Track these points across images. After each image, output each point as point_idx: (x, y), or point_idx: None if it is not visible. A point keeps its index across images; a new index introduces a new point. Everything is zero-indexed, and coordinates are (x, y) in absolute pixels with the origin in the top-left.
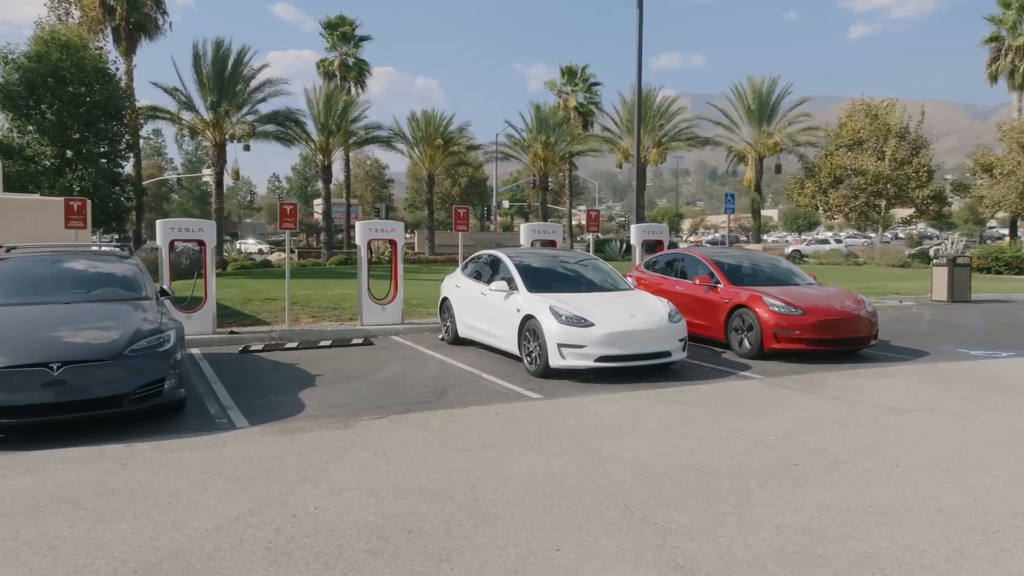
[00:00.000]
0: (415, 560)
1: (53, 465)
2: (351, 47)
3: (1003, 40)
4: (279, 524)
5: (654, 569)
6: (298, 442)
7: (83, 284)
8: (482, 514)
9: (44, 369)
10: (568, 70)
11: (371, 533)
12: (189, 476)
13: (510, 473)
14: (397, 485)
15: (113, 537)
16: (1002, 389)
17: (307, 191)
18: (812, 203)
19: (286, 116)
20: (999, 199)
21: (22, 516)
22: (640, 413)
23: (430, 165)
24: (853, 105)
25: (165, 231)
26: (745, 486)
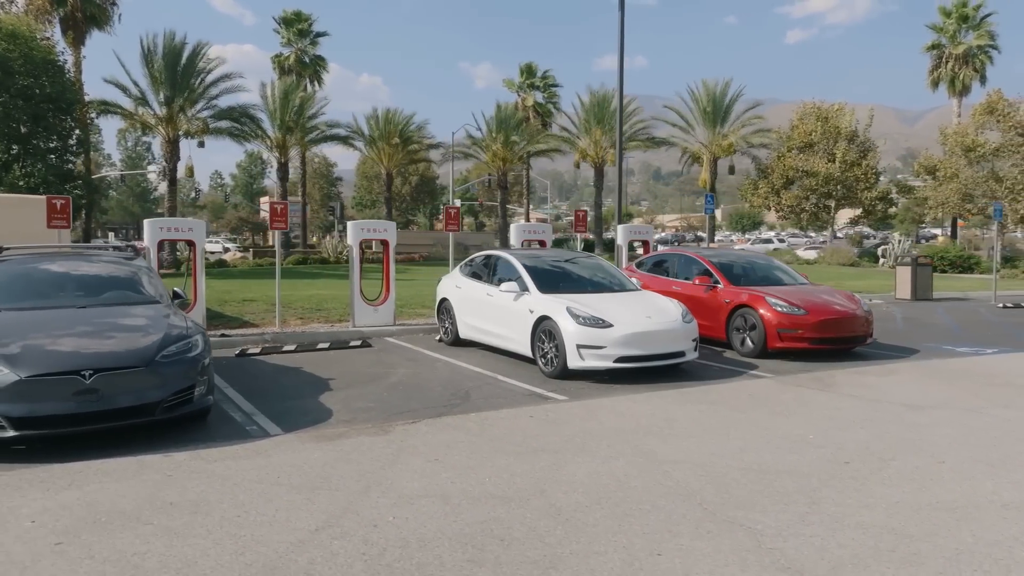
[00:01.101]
0: (521, 569)
1: (94, 478)
2: (307, 43)
3: (944, 48)
4: (364, 535)
5: (763, 572)
6: (343, 449)
7: (94, 287)
8: (566, 519)
9: (76, 377)
10: (527, 69)
11: (463, 542)
12: (247, 487)
13: (572, 477)
14: (466, 492)
15: (195, 553)
16: (1003, 385)
17: (252, 188)
18: (765, 203)
19: (241, 112)
20: (943, 201)
21: (88, 532)
22: (672, 414)
23: (389, 163)
24: (804, 108)
25: (154, 231)
26: (809, 485)
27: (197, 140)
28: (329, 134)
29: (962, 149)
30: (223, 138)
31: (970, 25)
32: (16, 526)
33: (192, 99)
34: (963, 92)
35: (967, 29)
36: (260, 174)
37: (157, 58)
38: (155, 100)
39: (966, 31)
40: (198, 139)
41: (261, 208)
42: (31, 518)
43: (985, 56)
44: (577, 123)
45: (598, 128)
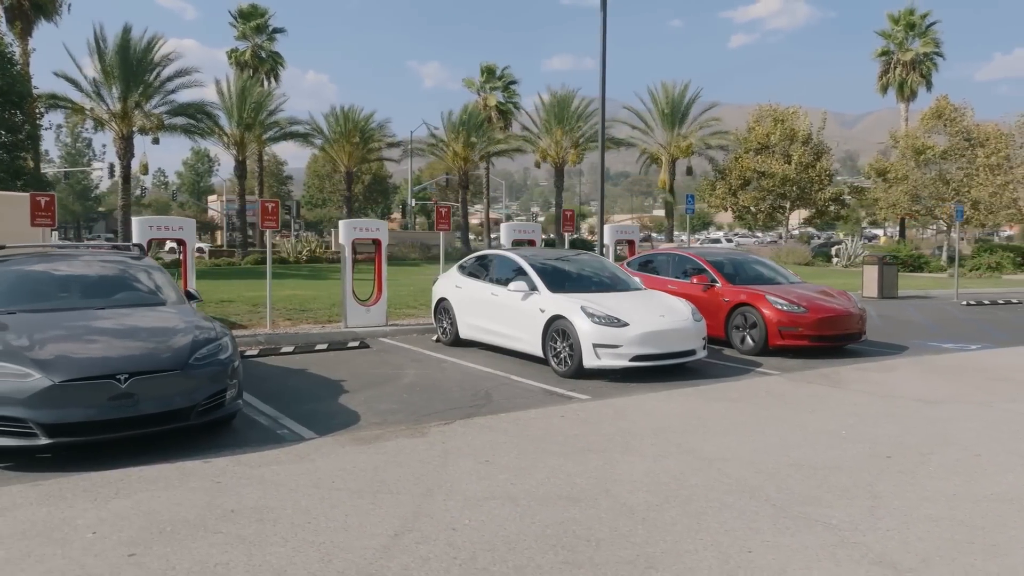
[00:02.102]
0: (621, 568)
1: (139, 485)
2: (264, 39)
3: (892, 54)
4: (447, 538)
5: (857, 566)
6: (386, 451)
7: (108, 288)
8: (642, 519)
9: (111, 382)
10: (487, 69)
11: (550, 543)
12: (305, 492)
13: (629, 476)
14: (530, 493)
15: (280, 562)
16: (1002, 380)
17: (199, 187)
18: (723, 204)
19: (198, 109)
20: (893, 202)
21: (158, 543)
22: (699, 412)
23: (349, 162)
24: (760, 111)
25: (143, 229)
26: (862, 480)
27: (152, 137)
28: (289, 131)
29: (912, 152)
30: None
31: (916, 33)
32: (79, 538)
33: (147, 94)
34: (910, 97)
35: (914, 36)
36: (208, 172)
37: (109, 51)
38: (108, 95)
39: (913, 38)
40: (153, 136)
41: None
42: (91, 529)
43: (931, 63)
44: (538, 123)
45: (559, 128)
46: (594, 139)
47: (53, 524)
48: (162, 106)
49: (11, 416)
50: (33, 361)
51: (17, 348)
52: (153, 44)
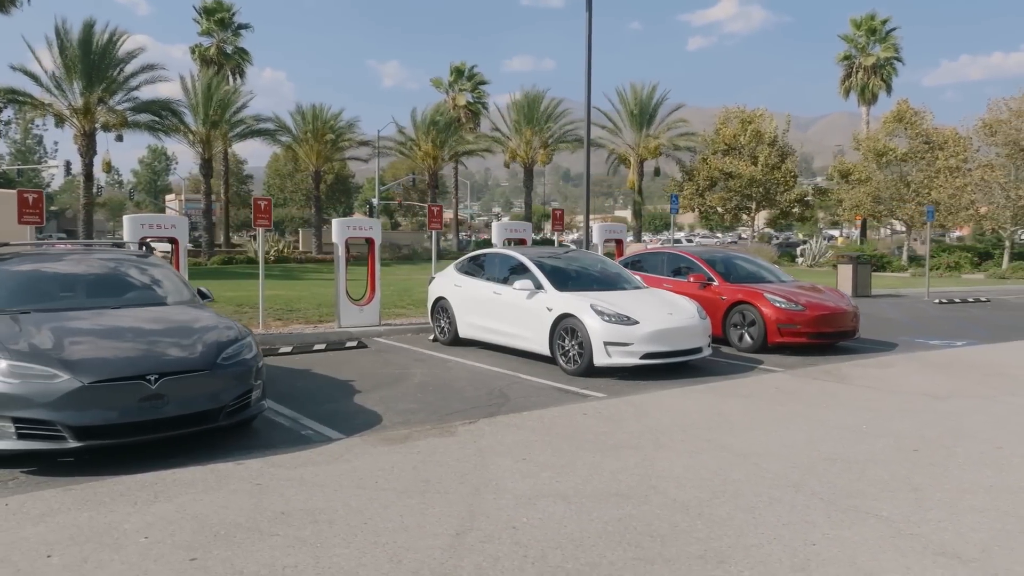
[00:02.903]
0: (693, 563)
1: (177, 488)
2: (230, 35)
3: (854, 59)
4: (510, 537)
5: (922, 556)
6: (420, 451)
7: (121, 286)
8: (697, 514)
9: (142, 383)
10: (456, 69)
11: (615, 540)
12: (351, 493)
13: (670, 472)
14: (578, 490)
15: (349, 564)
16: (996, 375)
17: (157, 185)
18: (690, 205)
19: (162, 105)
20: (857, 203)
21: (217, 546)
22: (718, 408)
23: (317, 161)
24: (727, 113)
25: (135, 228)
26: (899, 473)
27: (115, 134)
28: (256, 129)
29: (874, 154)
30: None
31: (878, 38)
32: (131, 543)
33: (111, 90)
34: (871, 101)
35: (875, 41)
36: (164, 170)
37: (71, 45)
38: (69, 90)
39: (874, 43)
40: (116, 132)
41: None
42: (141, 534)
43: (891, 67)
44: (508, 123)
45: (529, 128)
46: (563, 139)
47: (100, 529)
48: (125, 102)
49: (38, 419)
50: (60, 362)
51: (42, 348)
52: (116, 39)
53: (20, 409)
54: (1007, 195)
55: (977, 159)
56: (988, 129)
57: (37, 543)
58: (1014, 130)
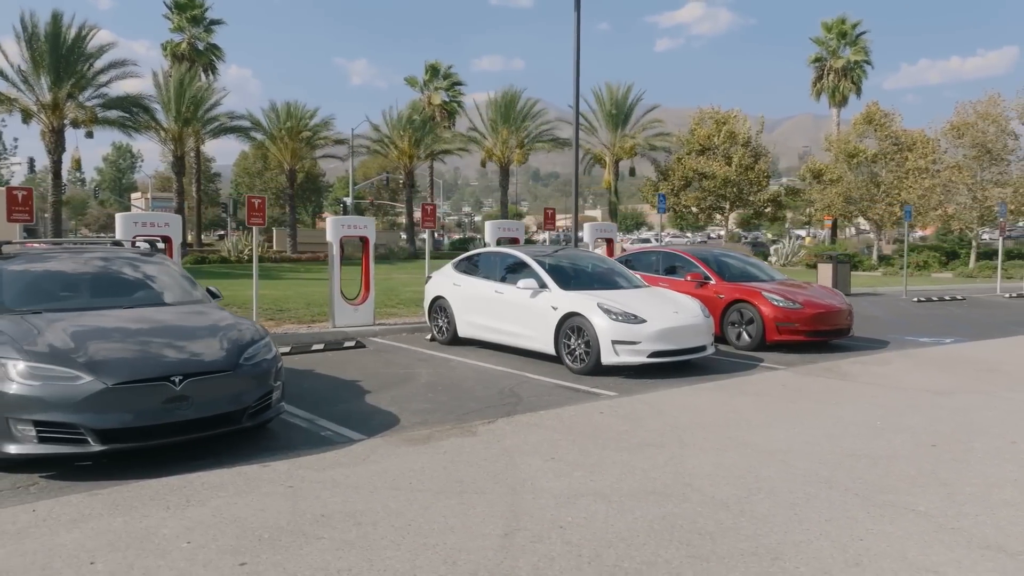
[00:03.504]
0: (749, 560)
1: (207, 492)
2: (201, 30)
3: (825, 61)
4: (560, 536)
5: (968, 550)
6: (445, 451)
7: (132, 285)
8: (739, 511)
9: (166, 384)
10: (432, 68)
11: (666, 537)
12: (388, 495)
13: (701, 470)
14: (615, 489)
15: (404, 566)
16: (991, 371)
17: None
18: (666, 204)
19: (133, 101)
20: (829, 203)
21: (264, 550)
22: (731, 406)
23: (292, 160)
24: (702, 113)
25: (127, 225)
26: (924, 468)
27: (85, 130)
28: (230, 126)
29: (845, 155)
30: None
31: (848, 41)
32: (174, 548)
33: (80, 85)
34: (842, 103)
35: (845, 44)
36: (130, 168)
37: (39, 38)
38: (37, 84)
39: (844, 46)
40: (86, 129)
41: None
42: (182, 538)
43: (860, 70)
44: (485, 122)
45: (505, 128)
46: (539, 138)
47: (138, 534)
48: (95, 98)
49: (61, 422)
50: (81, 363)
51: (61, 349)
52: (85, 33)
53: (41, 412)
54: (974, 196)
55: (945, 160)
56: (956, 131)
57: (76, 550)
58: (980, 133)
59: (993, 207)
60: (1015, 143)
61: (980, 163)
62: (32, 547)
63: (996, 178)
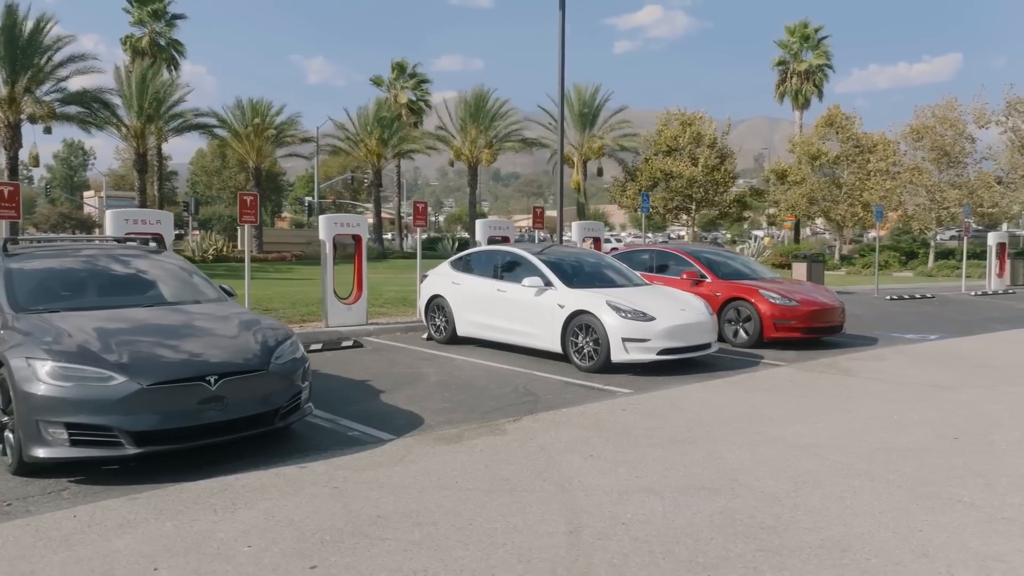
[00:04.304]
0: (819, 553)
1: (251, 495)
2: (163, 25)
3: (788, 64)
4: (626, 533)
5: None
6: (481, 450)
7: (145, 283)
8: (793, 505)
9: (201, 384)
10: (398, 66)
11: (730, 532)
12: (439, 494)
13: (742, 464)
14: (663, 484)
15: (479, 565)
16: (981, 366)
17: (74, 181)
18: (633, 204)
19: (93, 97)
20: (792, 204)
21: (330, 552)
22: (749, 402)
23: (257, 158)
24: (668, 115)
25: (118, 222)
26: (955, 461)
27: (43, 126)
28: (194, 123)
29: (808, 157)
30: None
31: (810, 45)
32: (237, 552)
33: (38, 79)
34: (804, 105)
35: (808, 48)
36: (82, 166)
37: None
38: None
39: (807, 50)
40: (44, 125)
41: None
42: (242, 542)
43: (822, 74)
44: (454, 121)
45: (474, 127)
46: (508, 139)
47: (193, 539)
48: (54, 93)
49: (94, 424)
50: (112, 363)
51: (90, 349)
52: (43, 25)
53: (73, 414)
54: (932, 197)
55: (904, 163)
56: (915, 134)
57: (134, 556)
58: (939, 136)
59: (951, 208)
60: (972, 146)
61: (938, 166)
62: (86, 554)
63: (953, 180)
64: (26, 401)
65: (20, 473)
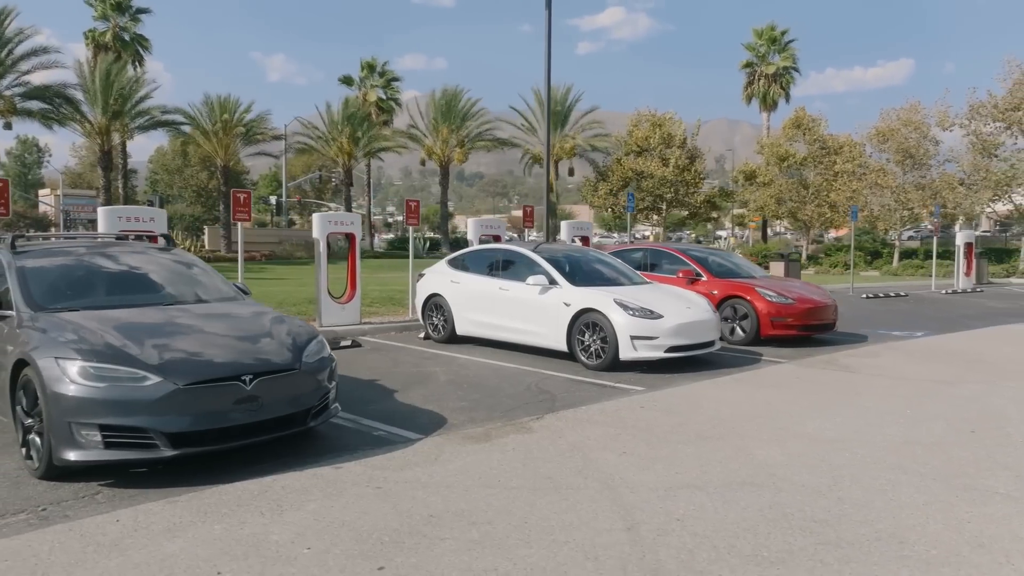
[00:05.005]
0: (878, 545)
1: (294, 497)
2: (127, 19)
3: (756, 67)
4: (684, 528)
5: None
6: (513, 448)
7: (162, 281)
8: (837, 498)
9: (237, 384)
10: (368, 64)
11: (785, 526)
12: (485, 492)
13: (775, 460)
14: (705, 480)
15: (548, 564)
16: (974, 361)
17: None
18: (605, 204)
19: (56, 92)
20: (761, 204)
21: (394, 553)
22: (761, 399)
23: (225, 156)
24: (639, 116)
25: (111, 220)
26: (978, 453)
27: (3, 121)
28: (161, 120)
29: (776, 159)
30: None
31: (777, 48)
32: (295, 554)
33: None
34: (772, 107)
35: (775, 51)
36: (36, 163)
37: None
38: None
39: (774, 53)
40: (4, 120)
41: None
42: (299, 544)
43: (789, 76)
44: (425, 121)
45: (446, 126)
46: (479, 138)
47: (248, 542)
48: (15, 87)
49: (131, 426)
50: (146, 363)
51: (120, 349)
52: (4, 17)
53: (108, 416)
54: (897, 198)
55: (870, 164)
56: (880, 136)
57: (192, 559)
58: (904, 138)
59: (914, 208)
60: (935, 148)
61: (903, 167)
62: (141, 558)
63: (917, 181)
64: (57, 403)
65: (47, 477)
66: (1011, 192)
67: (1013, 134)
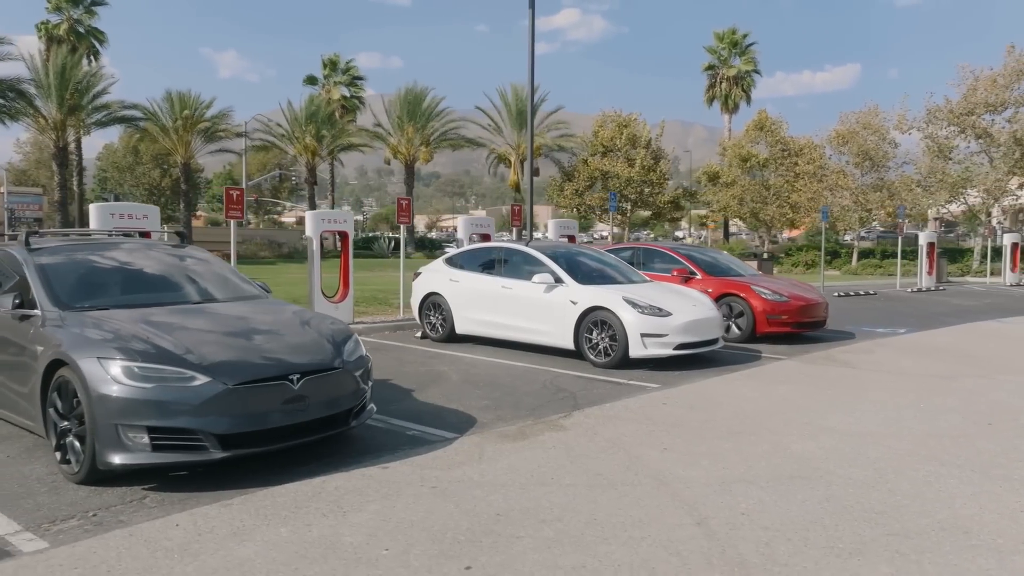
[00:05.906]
0: (948, 536)
1: (350, 498)
2: (82, 12)
3: (717, 69)
4: (752, 521)
5: None
6: (552, 446)
7: (187, 280)
8: (888, 490)
9: (285, 383)
10: (330, 62)
11: (850, 519)
12: (546, 491)
13: (813, 454)
14: (754, 475)
15: (635, 561)
16: (964, 356)
17: None
18: (571, 204)
19: (9, 86)
20: (724, 205)
21: (478, 553)
22: (777, 394)
23: (185, 153)
24: (604, 116)
25: (104, 217)
26: (1004, 444)
27: None
28: (120, 116)
29: (738, 160)
30: None
31: (738, 51)
32: (374, 555)
33: None
34: (734, 110)
35: (736, 54)
36: None
37: None
38: None
39: (735, 56)
40: None
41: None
42: (374, 546)
43: (750, 79)
44: (391, 119)
45: (411, 125)
46: (445, 137)
47: (321, 544)
48: None
49: (180, 428)
50: (194, 363)
51: (165, 348)
52: None
53: (156, 417)
54: (856, 199)
55: (830, 166)
56: (840, 139)
57: (271, 563)
58: (863, 141)
59: (872, 209)
60: (894, 151)
61: (862, 168)
62: (216, 563)
63: (876, 182)
64: (102, 404)
65: (87, 482)
66: (965, 194)
67: (967, 137)
